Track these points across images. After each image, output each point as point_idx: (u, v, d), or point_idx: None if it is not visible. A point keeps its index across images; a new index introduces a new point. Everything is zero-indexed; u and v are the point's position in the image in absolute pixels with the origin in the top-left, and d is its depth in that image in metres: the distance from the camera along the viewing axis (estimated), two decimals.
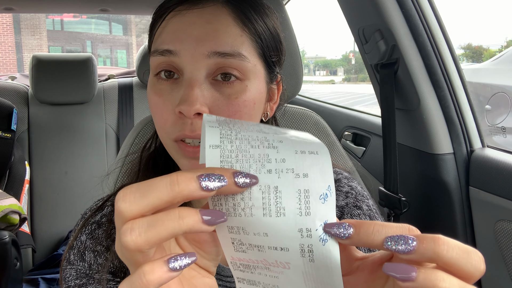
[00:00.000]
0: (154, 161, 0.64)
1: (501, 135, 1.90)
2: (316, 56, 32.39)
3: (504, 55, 2.70)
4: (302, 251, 0.30)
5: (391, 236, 0.29)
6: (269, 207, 0.30)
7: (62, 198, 2.02)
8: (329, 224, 0.30)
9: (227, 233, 0.32)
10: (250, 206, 0.30)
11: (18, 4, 1.79)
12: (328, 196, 0.30)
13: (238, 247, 0.32)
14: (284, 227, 0.30)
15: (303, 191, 0.30)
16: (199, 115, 0.50)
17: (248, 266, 0.33)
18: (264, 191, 0.30)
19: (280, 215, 0.30)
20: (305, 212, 0.30)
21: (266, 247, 0.31)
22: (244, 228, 0.31)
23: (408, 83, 1.13)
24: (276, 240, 0.30)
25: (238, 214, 0.31)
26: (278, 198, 0.30)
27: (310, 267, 0.30)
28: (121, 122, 2.15)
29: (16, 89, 2.11)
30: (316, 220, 0.30)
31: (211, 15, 0.52)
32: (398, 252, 0.28)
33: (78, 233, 0.61)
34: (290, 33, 0.98)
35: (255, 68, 0.54)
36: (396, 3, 1.07)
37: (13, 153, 1.79)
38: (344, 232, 0.30)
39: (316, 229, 0.30)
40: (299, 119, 0.95)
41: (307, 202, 0.30)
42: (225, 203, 0.31)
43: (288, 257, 0.31)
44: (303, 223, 0.30)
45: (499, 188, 0.99)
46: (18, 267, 1.41)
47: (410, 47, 1.10)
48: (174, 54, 0.51)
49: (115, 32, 20.09)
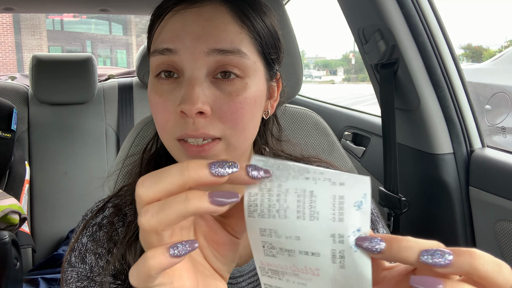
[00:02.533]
0: (155, 162, 0.64)
1: (501, 135, 1.90)
2: (316, 56, 32.40)
3: (504, 55, 2.71)
4: (333, 256, 0.30)
5: (426, 250, 0.29)
6: (303, 210, 0.30)
7: (62, 198, 2.02)
8: (361, 237, 0.30)
9: (259, 235, 0.32)
10: (285, 208, 0.31)
11: (18, 4, 1.79)
12: (363, 204, 0.30)
13: (268, 251, 0.32)
14: (316, 231, 0.30)
15: (338, 197, 0.30)
16: (201, 114, 0.50)
17: (277, 271, 0.33)
18: (299, 194, 0.31)
19: (314, 219, 0.30)
20: (338, 218, 0.30)
21: (297, 251, 0.31)
22: (277, 230, 0.31)
23: (408, 83, 1.13)
24: (308, 244, 0.30)
25: (272, 215, 0.31)
26: (313, 202, 0.30)
27: (340, 274, 0.30)
28: (121, 122, 2.15)
29: (16, 89, 2.11)
30: (349, 227, 0.30)
31: (210, 13, 0.52)
32: (434, 265, 0.28)
33: (79, 235, 0.61)
34: (290, 33, 0.98)
35: (254, 65, 0.54)
36: (396, 3, 1.07)
37: (13, 153, 1.79)
38: (376, 246, 0.30)
39: (348, 236, 0.30)
40: (299, 119, 0.95)
41: (341, 208, 0.30)
42: (261, 204, 0.31)
43: (318, 263, 0.30)
44: (336, 229, 0.30)
45: (499, 188, 0.99)
46: (18, 267, 1.41)
47: (410, 47, 1.10)
48: (174, 53, 0.51)
49: (115, 32, 20.09)
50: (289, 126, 0.94)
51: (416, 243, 0.30)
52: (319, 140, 0.95)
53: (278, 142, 0.71)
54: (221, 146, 0.52)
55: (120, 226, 0.60)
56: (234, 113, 0.51)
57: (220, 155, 0.53)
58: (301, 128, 0.94)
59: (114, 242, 0.59)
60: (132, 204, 0.62)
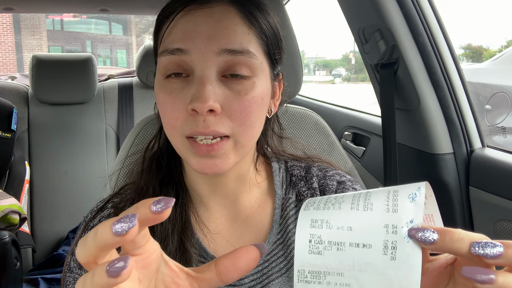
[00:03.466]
0: (157, 161, 0.64)
1: (501, 135, 1.90)
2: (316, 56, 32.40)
3: (504, 55, 2.70)
4: (385, 247, 0.30)
5: (477, 241, 0.30)
6: (358, 202, 0.31)
7: (62, 198, 2.01)
8: (414, 228, 0.30)
9: (309, 227, 0.32)
10: (340, 202, 0.32)
11: (18, 4, 1.79)
12: (417, 196, 0.31)
13: (314, 247, 0.32)
14: (370, 221, 0.30)
15: (392, 190, 0.31)
16: (211, 111, 0.51)
17: (318, 273, 0.32)
18: (356, 194, 0.32)
19: (367, 209, 0.31)
20: (392, 209, 0.30)
21: (347, 244, 0.31)
22: (329, 221, 0.32)
23: (408, 83, 1.13)
24: (360, 235, 0.31)
25: (327, 207, 0.32)
26: (368, 196, 0.31)
27: (389, 267, 0.30)
28: (121, 122, 2.14)
29: (16, 89, 2.11)
30: (403, 218, 0.30)
31: (220, 14, 0.53)
32: (486, 256, 0.29)
33: (78, 238, 0.61)
34: (290, 33, 0.98)
35: (261, 65, 0.55)
36: (396, 3, 1.07)
37: (13, 153, 1.79)
38: (429, 237, 0.30)
39: (402, 227, 0.30)
40: (299, 119, 0.95)
41: (395, 199, 0.31)
42: (320, 200, 0.33)
43: (368, 256, 0.31)
44: (390, 219, 0.30)
45: (499, 188, 0.99)
46: (18, 267, 1.41)
47: (410, 47, 1.09)
48: (185, 53, 0.52)
49: (115, 32, 20.08)
50: (289, 126, 0.94)
51: (467, 235, 0.31)
52: (319, 140, 0.95)
53: (280, 142, 0.72)
54: (230, 144, 0.53)
55: None
56: (243, 111, 0.52)
57: (229, 154, 0.53)
58: (301, 128, 0.95)
59: None
60: (132, 203, 0.62)
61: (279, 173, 0.68)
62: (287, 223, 0.63)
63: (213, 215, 0.63)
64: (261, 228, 0.64)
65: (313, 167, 0.69)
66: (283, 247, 0.62)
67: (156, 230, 0.57)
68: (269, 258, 0.62)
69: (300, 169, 0.69)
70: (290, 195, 0.66)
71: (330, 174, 0.68)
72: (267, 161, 0.71)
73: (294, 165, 0.70)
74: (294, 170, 0.69)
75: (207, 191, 0.63)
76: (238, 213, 0.64)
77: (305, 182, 0.67)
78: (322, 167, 0.70)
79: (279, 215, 0.64)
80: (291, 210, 0.65)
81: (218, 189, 0.62)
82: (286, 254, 0.62)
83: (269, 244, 0.62)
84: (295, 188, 0.67)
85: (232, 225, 0.63)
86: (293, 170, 0.69)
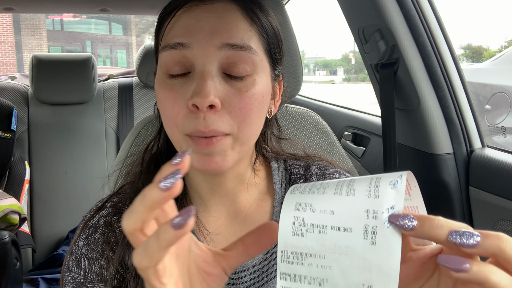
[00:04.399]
0: (156, 163, 0.64)
1: (501, 135, 1.90)
2: (316, 56, 32.41)
3: (504, 55, 2.70)
4: (365, 232, 0.31)
5: (456, 230, 0.30)
6: (341, 187, 0.32)
7: (62, 198, 2.01)
8: (394, 215, 0.31)
9: (293, 210, 0.33)
10: (324, 187, 0.33)
11: (18, 4, 1.79)
12: (398, 183, 0.31)
13: (297, 229, 0.33)
14: (351, 205, 0.31)
15: (375, 178, 0.32)
16: (211, 108, 0.50)
17: (300, 255, 0.33)
18: (340, 180, 0.34)
19: (350, 194, 0.32)
20: (374, 194, 0.31)
21: (329, 227, 0.32)
22: (313, 204, 0.33)
23: (408, 83, 1.13)
24: (341, 219, 0.32)
25: (312, 192, 0.33)
26: (351, 182, 0.33)
27: (369, 251, 0.31)
28: (121, 122, 2.14)
29: (16, 89, 2.11)
30: (384, 203, 0.31)
31: (221, 10, 0.54)
32: (462, 245, 0.30)
33: (77, 238, 0.61)
34: (290, 33, 0.98)
35: (262, 63, 0.55)
36: (396, 3, 1.07)
37: (13, 153, 1.79)
38: (409, 223, 0.31)
39: (382, 212, 0.31)
40: (299, 119, 0.95)
41: (377, 186, 0.32)
42: (305, 186, 0.35)
43: (349, 240, 0.31)
44: (371, 205, 0.31)
45: (499, 188, 0.99)
46: (18, 267, 1.41)
47: (410, 47, 1.09)
48: (186, 47, 0.52)
49: (115, 32, 20.08)
50: (289, 126, 0.94)
51: (446, 223, 0.31)
52: (319, 140, 0.95)
53: (278, 142, 0.72)
54: (229, 141, 0.53)
55: (119, 227, 0.60)
56: (243, 108, 0.52)
57: (227, 151, 0.53)
58: (301, 128, 0.95)
59: (110, 245, 0.59)
60: (131, 203, 0.62)
61: (278, 172, 0.68)
62: None
63: (213, 215, 0.63)
64: None
65: (312, 166, 0.69)
66: None
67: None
68: (269, 256, 0.62)
69: (299, 167, 0.69)
70: None
71: (329, 172, 0.68)
72: (266, 162, 0.71)
73: (293, 163, 0.70)
74: (293, 168, 0.69)
75: (207, 190, 0.63)
76: (237, 212, 0.64)
77: (304, 181, 0.67)
78: (322, 165, 0.70)
79: (279, 213, 0.64)
80: None
81: (217, 188, 0.62)
82: None
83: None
84: None
85: (232, 224, 0.63)
86: (292, 168, 0.69)
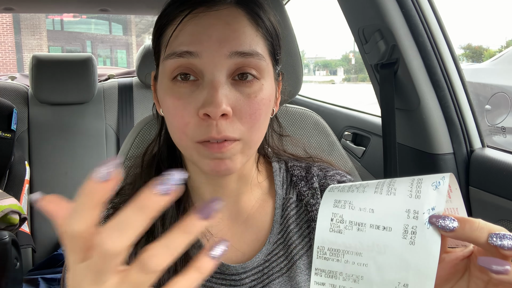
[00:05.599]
0: (157, 166, 0.64)
1: (501, 135, 1.90)
2: (316, 56, 32.43)
3: (504, 55, 2.70)
4: (405, 231, 0.31)
5: (496, 233, 0.31)
6: (382, 187, 0.32)
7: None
8: (435, 215, 0.31)
9: (331, 207, 0.33)
10: (364, 186, 0.33)
11: (18, 4, 1.79)
12: (440, 185, 0.31)
13: (336, 226, 0.33)
14: (392, 205, 0.31)
15: (417, 178, 0.32)
16: (223, 116, 0.50)
17: (337, 251, 0.33)
18: (380, 180, 0.33)
19: (391, 194, 0.32)
20: (415, 195, 0.31)
21: (368, 225, 0.32)
22: (352, 202, 0.33)
23: (408, 83, 1.13)
24: (381, 218, 0.31)
25: (351, 190, 0.33)
26: (392, 181, 0.33)
27: (408, 251, 0.31)
28: (121, 122, 2.14)
29: (16, 89, 2.10)
30: (425, 204, 0.31)
31: (228, 17, 0.53)
32: (502, 247, 0.30)
33: None
34: (290, 33, 0.98)
35: (268, 67, 0.56)
36: (396, 3, 1.07)
37: (13, 153, 1.79)
38: (450, 225, 0.31)
39: (423, 213, 0.31)
40: (299, 119, 0.95)
41: (419, 186, 0.31)
42: (344, 185, 0.35)
43: (388, 239, 0.31)
44: (412, 205, 0.31)
45: (499, 188, 0.99)
46: (18, 267, 1.41)
47: (410, 47, 1.09)
48: (195, 56, 0.51)
49: (115, 32, 20.09)
50: (290, 126, 0.94)
51: (486, 225, 0.31)
52: (319, 140, 0.95)
53: (280, 140, 0.72)
54: (239, 146, 0.53)
55: None
56: (252, 114, 0.53)
57: (237, 155, 0.54)
58: (301, 128, 0.95)
59: None
60: None
61: (279, 173, 0.68)
62: (288, 223, 0.64)
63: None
64: (261, 228, 0.64)
65: (313, 167, 0.69)
66: (283, 247, 0.63)
67: (157, 233, 0.56)
68: (270, 258, 0.62)
69: (300, 169, 0.69)
70: (290, 195, 0.66)
71: (330, 174, 0.68)
72: (267, 161, 0.71)
73: (295, 165, 0.70)
74: (294, 170, 0.69)
75: (210, 192, 0.63)
76: (239, 213, 0.64)
77: (305, 182, 0.67)
78: (323, 167, 0.70)
79: (280, 215, 0.64)
80: (292, 210, 0.65)
81: (220, 190, 0.62)
82: (287, 254, 0.62)
83: (269, 244, 0.62)
84: (296, 188, 0.67)
85: (233, 224, 0.63)
86: (293, 170, 0.69)
